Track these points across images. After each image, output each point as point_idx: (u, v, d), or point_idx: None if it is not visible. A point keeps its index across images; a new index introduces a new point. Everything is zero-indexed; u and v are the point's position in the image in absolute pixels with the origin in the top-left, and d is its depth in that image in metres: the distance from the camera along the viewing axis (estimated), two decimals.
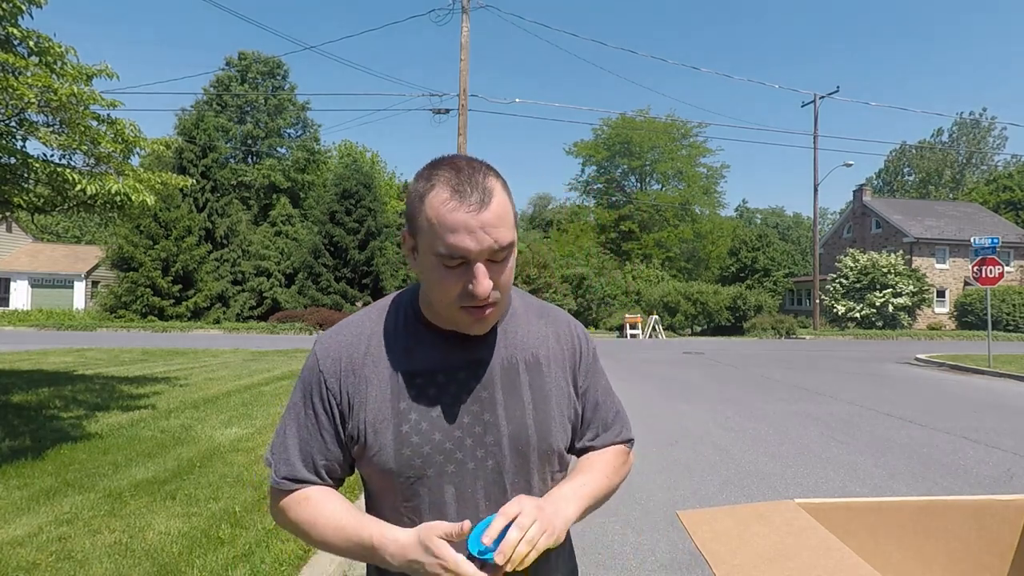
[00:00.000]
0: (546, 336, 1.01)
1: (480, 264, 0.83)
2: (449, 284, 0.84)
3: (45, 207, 6.82)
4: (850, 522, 0.84)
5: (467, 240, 0.81)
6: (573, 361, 1.02)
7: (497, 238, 0.82)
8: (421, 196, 0.85)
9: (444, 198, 0.82)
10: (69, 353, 13.64)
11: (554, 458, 0.96)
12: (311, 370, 0.95)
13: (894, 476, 4.97)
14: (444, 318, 0.91)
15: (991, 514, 0.86)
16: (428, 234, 0.84)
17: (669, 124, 43.65)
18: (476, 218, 0.81)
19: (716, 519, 0.79)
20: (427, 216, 0.83)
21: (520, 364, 0.96)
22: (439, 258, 0.83)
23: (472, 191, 0.81)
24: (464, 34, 17.75)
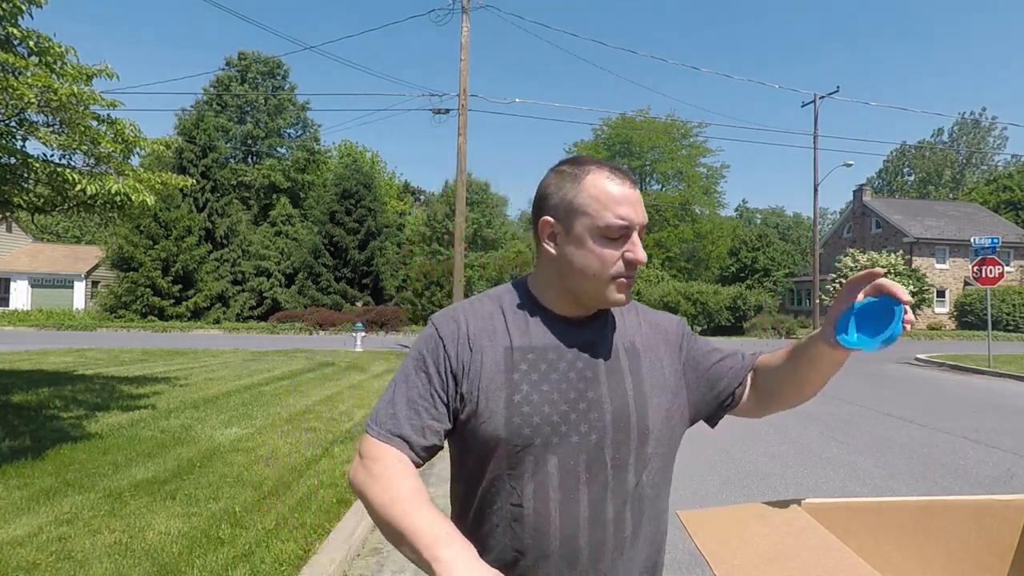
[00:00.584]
0: (640, 325, 1.08)
1: (636, 234, 0.95)
2: (609, 255, 0.94)
3: (45, 207, 6.82)
4: (850, 522, 0.84)
5: (631, 211, 0.93)
6: (667, 344, 1.08)
7: (644, 216, 0.95)
8: (575, 181, 0.95)
9: (605, 176, 0.94)
10: (69, 353, 13.64)
11: (650, 437, 1.00)
12: (428, 337, 1.01)
13: (894, 476, 4.97)
14: (589, 298, 0.98)
15: (991, 514, 0.86)
16: (593, 210, 0.93)
17: (669, 124, 43.64)
18: (635, 194, 0.95)
19: (716, 519, 0.79)
20: (590, 194, 0.94)
21: (620, 349, 1.02)
22: (605, 230, 0.93)
23: (624, 174, 0.96)
24: (464, 34, 17.75)
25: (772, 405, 1.09)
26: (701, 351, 1.10)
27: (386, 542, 3.65)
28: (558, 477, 0.93)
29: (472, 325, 1.00)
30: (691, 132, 44.33)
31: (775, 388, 1.05)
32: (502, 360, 0.97)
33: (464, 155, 17.97)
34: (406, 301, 29.36)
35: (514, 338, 0.99)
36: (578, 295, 0.99)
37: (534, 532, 0.92)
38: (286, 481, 4.37)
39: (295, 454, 5.11)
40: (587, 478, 0.94)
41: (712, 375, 1.08)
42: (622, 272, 0.95)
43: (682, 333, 1.11)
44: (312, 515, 3.68)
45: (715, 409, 1.09)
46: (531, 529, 0.92)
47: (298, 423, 6.37)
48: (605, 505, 0.94)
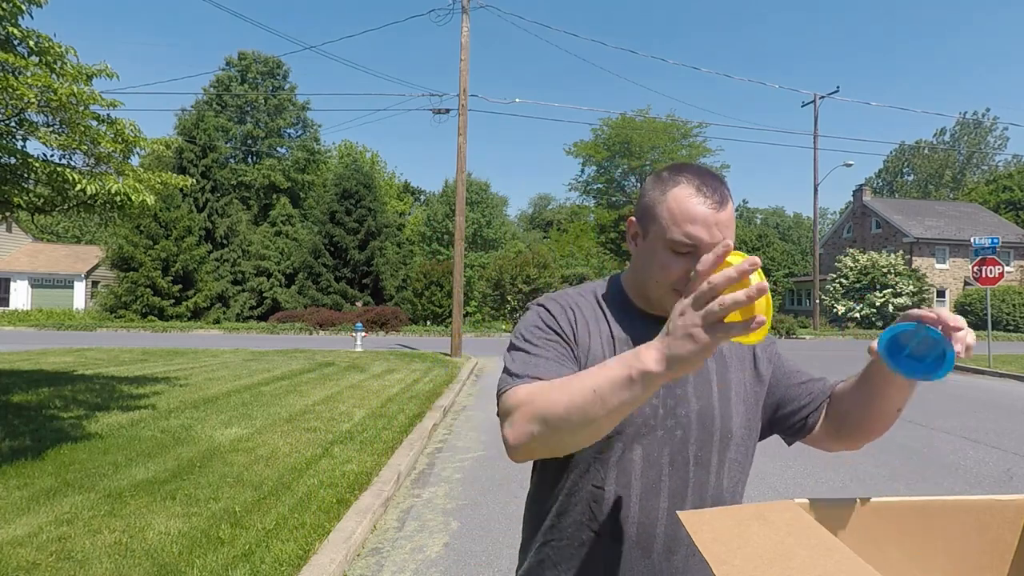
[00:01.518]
0: None
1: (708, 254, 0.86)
2: (672, 269, 0.93)
3: (45, 207, 6.82)
4: (850, 522, 0.84)
5: (703, 232, 0.90)
6: (754, 356, 1.09)
7: (725, 236, 0.91)
8: (664, 188, 0.95)
9: (689, 192, 0.92)
10: (69, 353, 13.64)
11: (732, 441, 1.02)
12: (537, 314, 1.02)
13: (894, 476, 4.97)
14: (653, 300, 1.00)
15: (991, 514, 0.86)
16: (666, 221, 0.93)
17: (669, 124, 43.62)
18: (715, 215, 0.91)
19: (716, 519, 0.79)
20: (668, 206, 0.93)
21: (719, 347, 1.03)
22: (671, 243, 0.92)
23: (713, 192, 0.92)
24: (464, 34, 17.75)
25: (845, 434, 1.04)
26: (785, 370, 1.11)
27: (386, 542, 3.65)
28: (641, 466, 0.96)
29: (579, 308, 1.03)
30: (691, 132, 44.30)
31: (845, 415, 1.02)
32: (606, 345, 1.00)
33: (464, 155, 17.98)
34: (406, 301, 29.36)
35: (614, 328, 1.02)
36: (647, 295, 1.01)
37: (612, 515, 0.96)
38: (286, 481, 4.37)
39: (295, 454, 5.11)
40: (670, 471, 0.97)
41: (789, 396, 1.09)
42: (682, 288, 0.90)
43: (771, 349, 1.13)
44: (312, 515, 3.68)
45: (785, 430, 1.11)
46: (610, 512, 0.96)
47: (298, 423, 6.37)
48: (685, 500, 0.97)
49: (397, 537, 3.73)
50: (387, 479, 4.56)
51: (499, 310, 27.23)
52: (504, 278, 27.22)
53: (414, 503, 4.37)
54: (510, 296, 27.02)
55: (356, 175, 30.50)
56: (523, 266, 27.23)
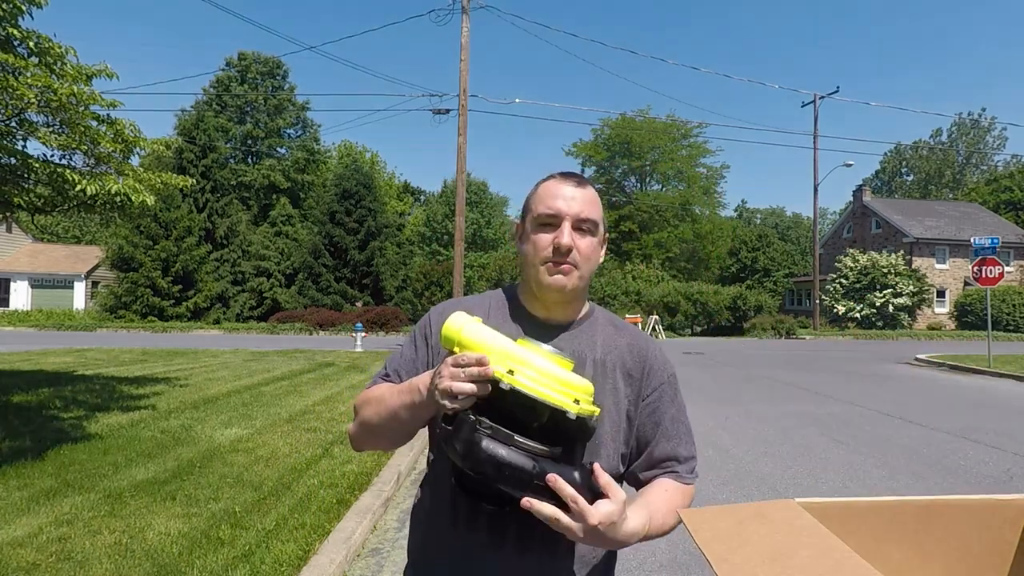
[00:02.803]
0: (619, 345, 1.11)
1: (567, 223, 1.03)
2: (542, 241, 1.04)
3: (45, 207, 6.82)
4: (850, 522, 0.84)
5: (560, 203, 1.04)
6: (641, 376, 1.09)
7: (582, 209, 1.05)
8: (535, 186, 1.11)
9: (552, 180, 1.09)
10: (69, 353, 13.64)
11: (600, 450, 1.05)
12: (421, 321, 1.17)
13: (894, 476, 4.97)
14: (534, 282, 1.07)
15: (991, 514, 0.86)
16: (532, 206, 1.08)
17: (669, 124, 43.59)
18: (571, 191, 1.06)
19: (716, 518, 0.79)
20: (536, 195, 1.09)
21: (588, 361, 1.07)
22: (538, 218, 1.06)
23: (572, 178, 1.08)
24: (464, 34, 17.75)
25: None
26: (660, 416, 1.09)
27: (386, 542, 3.65)
28: None
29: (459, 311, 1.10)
30: (691, 132, 44.29)
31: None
32: None
33: (464, 155, 17.96)
34: (406, 301, 29.37)
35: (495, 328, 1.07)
36: (529, 285, 1.10)
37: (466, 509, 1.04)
38: (286, 481, 4.37)
39: (295, 455, 5.11)
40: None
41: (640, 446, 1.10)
42: (550, 257, 1.03)
43: (664, 384, 1.11)
44: (312, 516, 3.68)
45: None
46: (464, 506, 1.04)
47: (298, 423, 6.37)
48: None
49: (397, 537, 3.73)
50: (387, 479, 4.56)
51: None
52: (504, 278, 27.22)
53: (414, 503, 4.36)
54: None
55: (356, 175, 30.50)
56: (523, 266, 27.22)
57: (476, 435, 0.83)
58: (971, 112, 58.00)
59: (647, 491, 1.06)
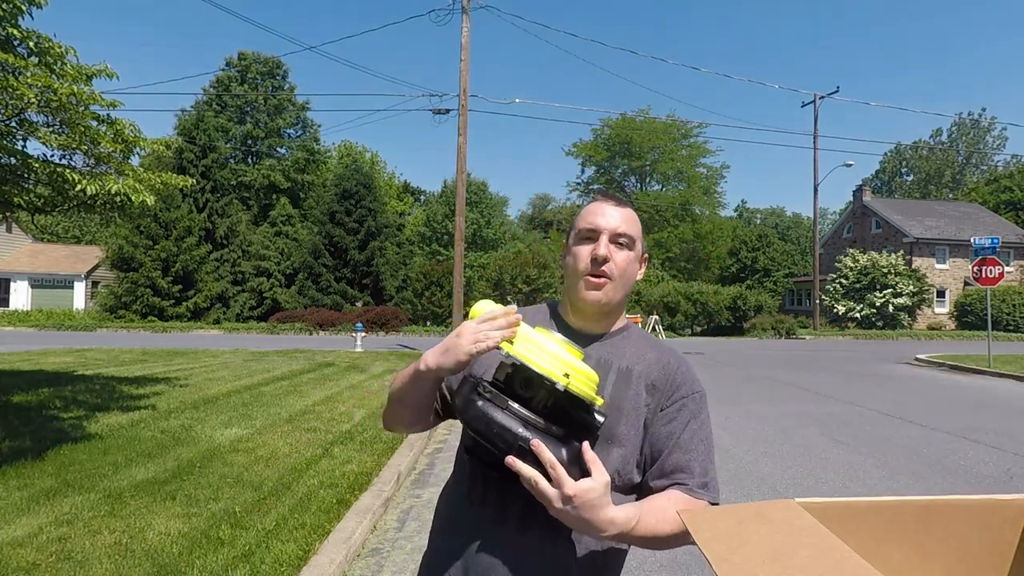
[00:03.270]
0: (648, 358, 1.14)
1: (605, 237, 1.11)
2: (581, 253, 1.12)
3: (45, 207, 6.82)
4: (850, 522, 0.84)
5: (599, 219, 1.13)
6: (665, 388, 1.10)
7: (620, 225, 1.13)
8: (580, 208, 1.19)
9: (595, 203, 1.17)
10: (69, 353, 13.64)
11: (613, 450, 1.07)
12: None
13: (894, 476, 4.97)
14: (572, 294, 1.14)
15: (991, 514, 0.86)
16: (576, 223, 1.16)
17: (669, 124, 43.59)
18: (611, 209, 1.14)
19: (716, 518, 0.79)
20: (580, 216, 1.17)
21: (613, 368, 1.11)
22: (579, 233, 1.14)
23: (612, 199, 1.17)
24: (464, 34, 17.74)
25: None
26: (677, 427, 1.08)
27: (386, 542, 3.65)
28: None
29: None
30: (691, 132, 44.29)
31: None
32: None
33: (464, 155, 17.96)
34: (406, 301, 29.36)
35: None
36: (568, 298, 1.16)
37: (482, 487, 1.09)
38: (286, 481, 4.37)
39: (295, 455, 5.11)
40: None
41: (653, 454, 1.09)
42: (589, 270, 1.10)
43: (687, 398, 1.10)
44: (312, 516, 3.68)
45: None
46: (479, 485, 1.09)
47: (298, 423, 6.37)
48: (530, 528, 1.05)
49: (397, 537, 3.73)
50: (387, 479, 4.56)
51: None
52: (504, 278, 27.21)
53: (414, 503, 4.37)
54: (510, 296, 27.00)
55: (356, 175, 30.50)
56: (523, 266, 27.23)
57: (474, 394, 0.93)
58: (971, 112, 58.05)
59: (650, 497, 1.04)
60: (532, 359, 0.89)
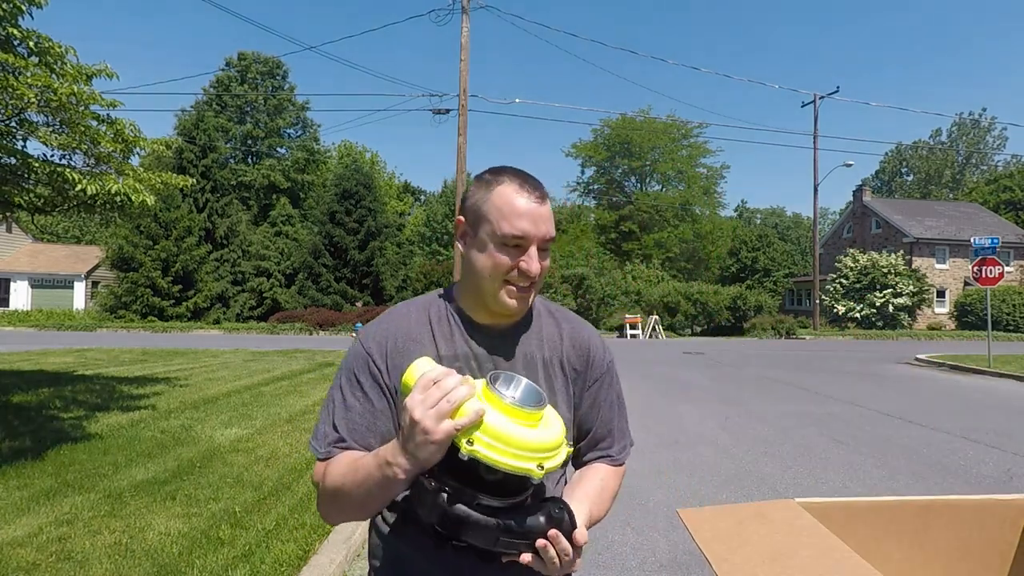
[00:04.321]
0: (561, 338, 1.11)
1: (534, 247, 0.99)
2: (503, 262, 0.99)
3: (45, 207, 6.82)
4: (850, 522, 0.84)
5: (528, 225, 0.98)
6: (583, 366, 1.11)
7: (549, 230, 1.00)
8: (489, 188, 1.01)
9: (513, 188, 1.00)
10: (69, 353, 13.63)
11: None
12: (356, 355, 1.03)
13: (894, 476, 4.97)
14: (488, 296, 1.02)
15: (991, 514, 0.86)
16: (494, 219, 0.99)
17: (669, 124, 43.62)
18: (538, 209, 0.99)
19: (717, 518, 0.79)
20: (495, 204, 0.99)
21: (539, 361, 1.07)
22: (502, 238, 0.98)
23: (535, 188, 1.01)
24: (464, 34, 17.75)
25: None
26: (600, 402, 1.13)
27: None
28: None
29: (400, 336, 1.03)
30: (691, 132, 44.32)
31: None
32: None
33: (464, 155, 17.96)
34: None
35: (440, 346, 1.03)
36: (478, 295, 1.03)
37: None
38: (286, 481, 4.37)
39: (295, 455, 5.11)
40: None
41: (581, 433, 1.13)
42: (514, 280, 0.99)
43: (604, 373, 1.14)
44: (312, 515, 3.68)
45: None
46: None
47: (298, 423, 6.37)
48: None
49: None
50: None
51: None
52: None
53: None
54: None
55: (356, 175, 30.50)
56: None
57: (439, 499, 0.81)
58: (971, 112, 58.05)
59: (583, 481, 1.08)
60: (501, 460, 0.78)
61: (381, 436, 0.98)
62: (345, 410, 1.00)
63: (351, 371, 1.02)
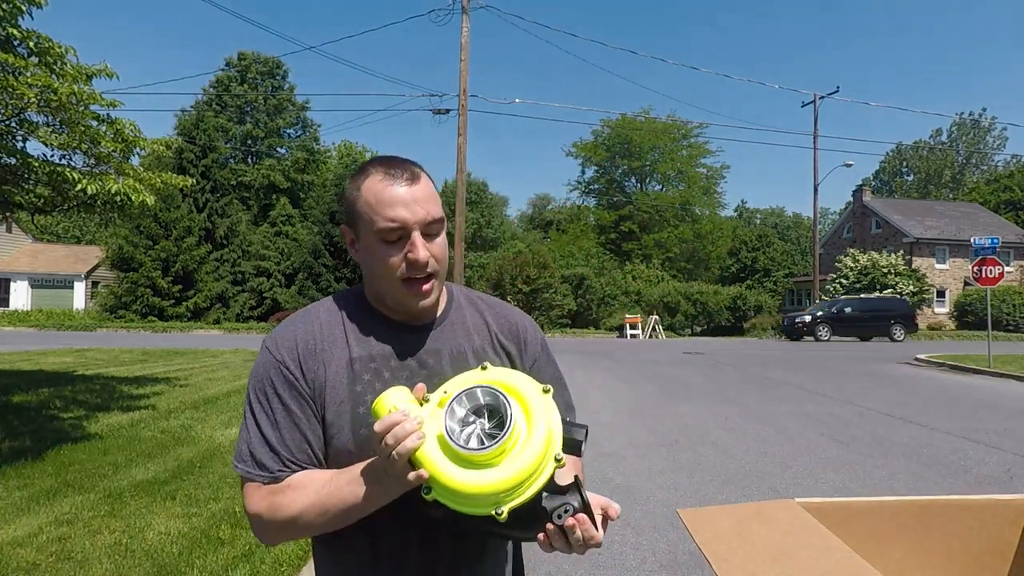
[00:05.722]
0: (487, 325, 1.06)
1: (417, 233, 0.91)
2: (391, 259, 0.91)
3: (45, 207, 6.83)
4: (850, 522, 0.84)
5: (403, 211, 0.90)
6: (517, 350, 1.06)
7: (429, 210, 0.92)
8: (357, 186, 0.94)
9: (378, 179, 0.92)
10: (69, 353, 13.64)
11: None
12: (266, 364, 0.93)
13: (894, 476, 4.97)
14: (390, 299, 0.96)
15: (991, 514, 0.86)
16: (367, 216, 0.92)
17: (669, 124, 43.64)
18: (409, 192, 0.91)
19: (716, 518, 0.79)
20: (365, 200, 0.92)
21: (468, 352, 1.00)
22: (380, 234, 0.91)
23: (401, 172, 0.93)
24: (464, 34, 17.75)
25: None
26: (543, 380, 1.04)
27: None
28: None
29: (311, 339, 0.95)
30: (691, 132, 44.34)
31: None
32: (344, 371, 0.93)
33: (464, 155, 17.97)
34: None
35: (354, 348, 0.95)
36: (382, 298, 0.97)
37: (390, 543, 0.92)
38: None
39: None
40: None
41: None
42: (407, 274, 0.91)
43: (538, 346, 1.09)
44: None
45: None
46: (386, 540, 0.92)
47: None
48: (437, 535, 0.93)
49: None
50: None
51: None
52: (504, 278, 27.22)
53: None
54: (510, 296, 27.02)
55: None
56: (523, 266, 27.24)
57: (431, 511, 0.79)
58: (971, 112, 58.07)
59: None
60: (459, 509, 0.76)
61: (311, 447, 0.91)
62: (273, 426, 0.90)
63: (267, 383, 0.92)
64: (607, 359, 14.89)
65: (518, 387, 0.82)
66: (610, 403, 8.39)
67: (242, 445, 0.91)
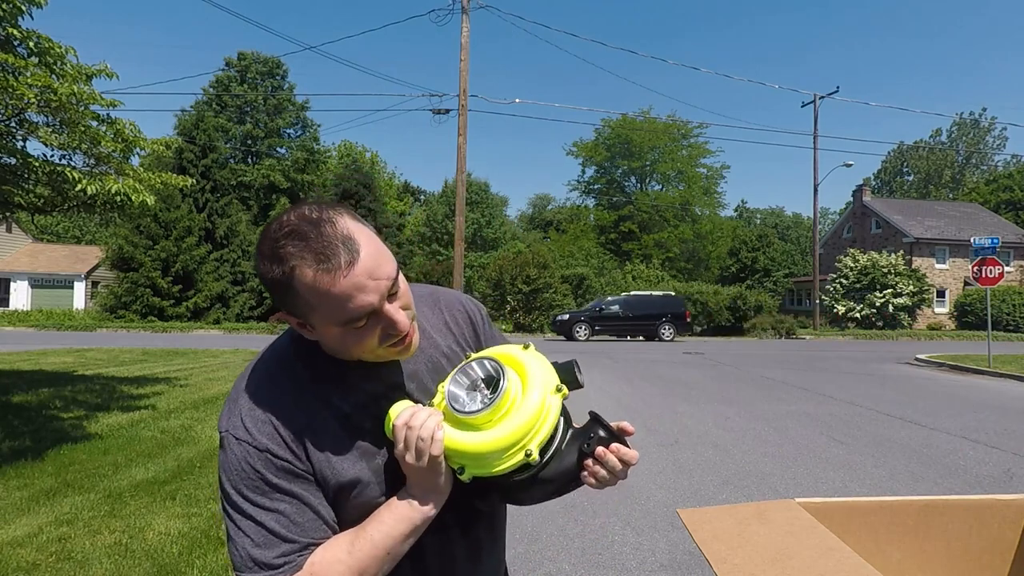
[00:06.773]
0: (444, 325, 1.04)
1: (386, 305, 0.79)
2: (367, 338, 0.80)
3: (45, 207, 6.83)
4: (850, 522, 0.84)
5: (364, 298, 0.76)
6: (473, 331, 1.06)
7: (386, 273, 0.78)
8: (285, 284, 0.76)
9: (312, 273, 0.74)
10: (69, 353, 13.63)
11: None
12: (246, 456, 0.81)
13: (894, 476, 4.97)
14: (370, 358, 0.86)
15: (991, 514, 0.86)
16: (320, 312, 0.77)
17: (669, 124, 43.66)
18: (359, 271, 0.75)
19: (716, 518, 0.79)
20: (306, 300, 0.76)
21: (441, 357, 0.98)
22: (349, 323, 0.78)
23: (334, 252, 0.74)
24: (464, 34, 17.75)
25: None
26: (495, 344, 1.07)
27: None
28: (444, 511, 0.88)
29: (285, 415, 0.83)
30: (691, 132, 44.36)
31: None
32: (343, 432, 0.85)
33: (464, 155, 17.97)
34: None
35: (341, 404, 0.86)
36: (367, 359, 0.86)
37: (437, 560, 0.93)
38: None
39: None
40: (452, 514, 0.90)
41: None
42: (388, 341, 0.82)
43: (486, 320, 1.10)
44: None
45: None
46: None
47: None
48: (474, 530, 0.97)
49: None
50: None
51: (499, 310, 27.25)
52: (504, 278, 27.21)
53: None
54: (510, 296, 27.02)
55: (356, 175, 30.55)
56: (523, 266, 27.24)
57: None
58: (971, 112, 58.06)
59: None
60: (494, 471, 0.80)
61: (325, 522, 0.83)
62: (277, 518, 0.80)
63: (255, 476, 0.80)
64: (607, 359, 14.89)
65: (500, 352, 0.89)
66: (610, 403, 8.39)
67: (239, 553, 0.79)
